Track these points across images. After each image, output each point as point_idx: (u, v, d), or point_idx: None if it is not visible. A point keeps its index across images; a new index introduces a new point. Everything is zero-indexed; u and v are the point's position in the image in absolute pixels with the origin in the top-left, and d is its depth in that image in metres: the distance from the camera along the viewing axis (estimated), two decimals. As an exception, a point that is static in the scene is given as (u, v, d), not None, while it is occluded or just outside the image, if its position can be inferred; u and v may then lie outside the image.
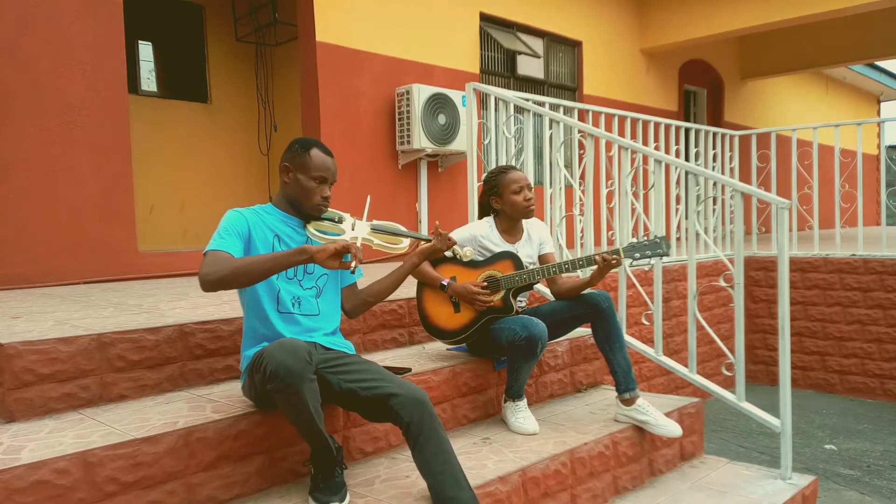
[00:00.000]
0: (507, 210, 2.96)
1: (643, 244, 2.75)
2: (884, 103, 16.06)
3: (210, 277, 1.99)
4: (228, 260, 2.02)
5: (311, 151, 2.23)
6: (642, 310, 4.26)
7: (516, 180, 2.93)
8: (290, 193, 2.25)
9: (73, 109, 4.13)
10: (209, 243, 2.10)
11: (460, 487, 1.99)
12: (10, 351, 2.07)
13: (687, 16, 8.24)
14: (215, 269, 2.00)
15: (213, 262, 2.02)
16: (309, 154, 2.23)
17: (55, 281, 4.06)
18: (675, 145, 5.53)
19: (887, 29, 9.65)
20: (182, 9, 6.33)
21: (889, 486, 3.97)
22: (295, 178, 2.23)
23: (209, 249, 2.07)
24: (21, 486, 1.69)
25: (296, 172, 2.23)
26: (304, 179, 2.22)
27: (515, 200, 2.92)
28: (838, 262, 5.94)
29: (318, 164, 2.22)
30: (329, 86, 5.37)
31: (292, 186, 2.24)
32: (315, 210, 2.24)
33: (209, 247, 2.08)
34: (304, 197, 2.22)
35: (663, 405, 3.08)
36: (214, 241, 2.10)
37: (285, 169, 2.25)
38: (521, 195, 2.93)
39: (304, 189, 2.22)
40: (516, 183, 2.93)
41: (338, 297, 2.37)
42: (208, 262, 2.03)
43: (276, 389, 1.88)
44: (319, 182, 2.22)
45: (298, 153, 2.24)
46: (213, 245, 2.08)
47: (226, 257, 2.04)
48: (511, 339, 2.64)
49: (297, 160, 2.23)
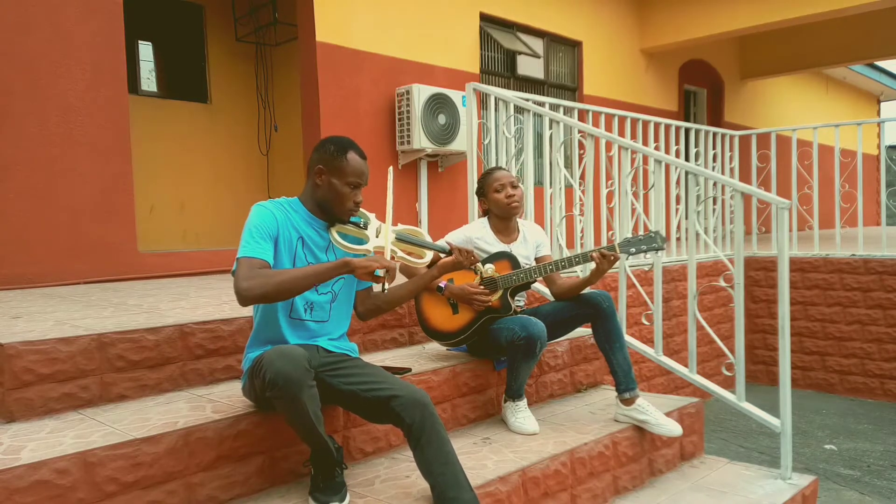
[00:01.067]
0: (493, 209, 3.01)
1: (638, 239, 2.76)
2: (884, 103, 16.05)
3: (250, 293, 1.94)
4: (268, 274, 1.97)
5: (349, 155, 2.14)
6: (642, 310, 4.26)
7: (497, 179, 2.97)
8: (321, 196, 2.17)
9: (73, 109, 4.13)
10: (241, 246, 2.03)
11: (461, 488, 1.99)
12: (10, 351, 2.07)
13: (687, 16, 8.24)
14: (255, 283, 1.94)
15: (251, 275, 1.95)
16: (346, 158, 2.14)
17: (55, 281, 4.06)
18: (675, 145, 5.53)
19: (887, 29, 9.65)
20: (182, 9, 6.33)
21: (889, 486, 3.97)
22: (329, 181, 2.14)
23: (243, 255, 2.01)
24: (21, 486, 1.69)
25: (330, 176, 2.14)
26: (339, 185, 2.13)
27: (497, 199, 2.96)
28: (838, 262, 5.94)
29: (355, 168, 2.15)
30: (329, 86, 5.37)
31: (325, 190, 2.15)
32: (346, 215, 2.18)
33: (242, 252, 2.02)
34: (337, 201, 2.15)
35: (663, 405, 3.08)
36: (247, 244, 2.03)
37: (319, 171, 2.15)
38: (503, 193, 2.95)
39: (339, 194, 2.14)
40: (497, 181, 2.97)
41: (351, 300, 2.34)
42: (244, 272, 1.96)
43: (275, 396, 1.88)
44: (354, 187, 2.16)
45: (335, 156, 2.14)
46: (247, 250, 2.02)
47: (262, 267, 2.00)
48: (510, 339, 2.64)
49: (333, 163, 2.14)
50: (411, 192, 5.97)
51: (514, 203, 2.95)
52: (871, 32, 9.83)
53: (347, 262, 2.00)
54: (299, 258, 2.16)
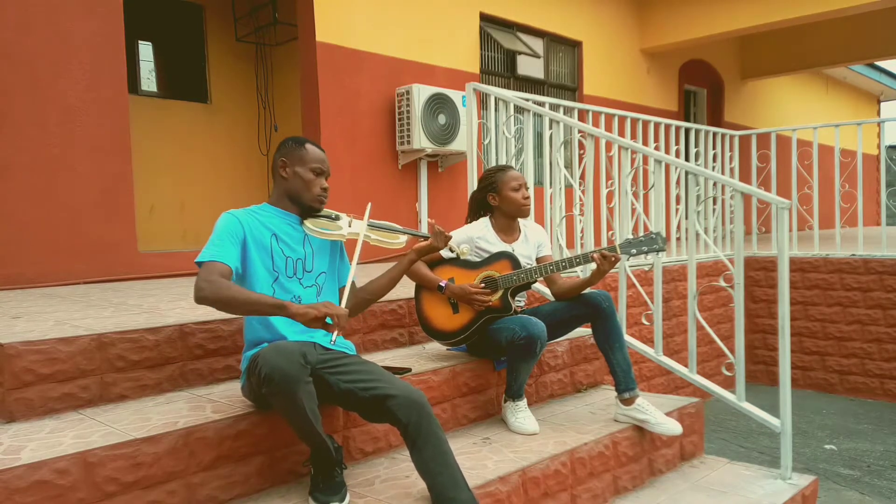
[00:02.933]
0: (503, 207, 2.98)
1: (639, 240, 2.76)
2: (884, 103, 16.05)
3: (203, 293, 1.99)
4: (222, 285, 1.99)
5: (306, 145, 2.31)
6: (642, 310, 4.26)
7: (515, 178, 2.97)
8: (289, 187, 2.27)
9: (73, 109, 4.13)
10: (203, 250, 2.08)
11: (459, 488, 1.99)
12: (11, 351, 2.07)
13: (687, 16, 8.24)
14: (208, 289, 1.98)
15: (208, 278, 2.01)
16: (304, 148, 2.30)
17: (55, 281, 4.06)
18: (675, 145, 5.53)
19: (887, 29, 9.65)
20: (182, 9, 6.33)
21: (889, 486, 3.97)
22: (293, 171, 2.27)
23: (203, 259, 2.06)
24: (21, 486, 1.69)
25: (293, 166, 2.27)
26: (303, 171, 2.26)
27: (514, 197, 2.94)
28: (838, 262, 5.94)
29: (315, 156, 2.29)
30: (329, 86, 5.37)
31: (291, 180, 2.27)
32: (315, 201, 2.28)
33: (203, 255, 2.07)
34: (305, 188, 2.26)
35: (663, 405, 3.08)
36: (208, 248, 2.09)
37: (283, 164, 2.28)
38: (520, 193, 2.95)
39: (304, 181, 2.26)
40: (515, 181, 2.96)
41: (336, 293, 2.37)
42: (203, 275, 2.02)
43: (271, 393, 1.88)
44: (317, 174, 2.28)
45: (293, 148, 2.30)
46: (208, 254, 2.07)
47: (220, 271, 2.03)
48: (510, 339, 2.64)
49: (293, 154, 2.28)
50: (411, 192, 5.97)
51: (527, 205, 2.98)
52: (871, 32, 9.83)
53: (283, 306, 1.96)
54: (276, 252, 2.21)
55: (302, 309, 1.95)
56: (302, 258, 2.26)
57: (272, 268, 2.19)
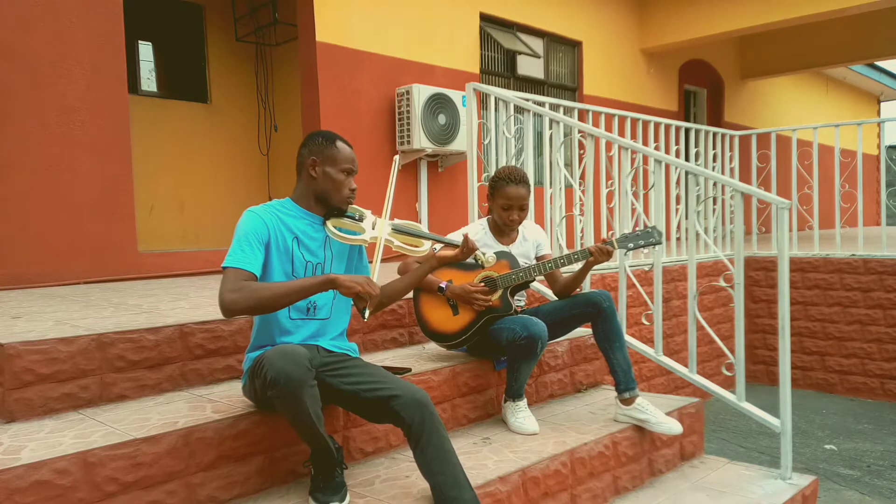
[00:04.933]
0: (493, 216, 3.01)
1: (636, 234, 2.79)
2: (884, 103, 16.06)
3: (235, 306, 1.95)
4: (254, 288, 1.96)
5: (338, 143, 2.21)
6: (642, 310, 4.26)
7: (509, 197, 2.90)
8: (317, 188, 2.19)
9: (73, 109, 4.13)
10: (228, 254, 2.03)
11: (461, 487, 1.99)
12: (10, 351, 2.07)
13: (687, 16, 8.24)
14: (240, 297, 1.94)
15: (236, 287, 1.95)
16: (336, 146, 2.20)
17: (55, 281, 4.06)
18: (675, 145, 5.53)
19: (887, 29, 9.65)
20: (182, 9, 6.33)
21: (889, 486, 3.97)
22: (324, 171, 2.18)
23: (229, 265, 2.00)
24: (21, 486, 1.68)
25: (324, 166, 2.18)
26: (334, 172, 2.18)
27: (501, 214, 2.95)
28: (838, 262, 5.94)
29: (346, 155, 2.21)
30: (329, 86, 5.37)
31: (321, 180, 2.18)
32: (344, 203, 2.21)
33: (229, 260, 2.01)
34: (335, 189, 2.19)
35: (663, 405, 3.08)
36: (234, 253, 2.03)
37: (313, 163, 2.18)
38: (508, 213, 2.92)
39: (335, 182, 2.18)
40: (507, 200, 2.91)
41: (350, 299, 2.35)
42: (230, 284, 1.96)
43: (276, 396, 1.88)
44: (347, 174, 2.20)
45: (324, 146, 2.19)
46: (234, 260, 2.01)
47: (248, 279, 1.99)
48: (511, 339, 2.64)
49: (324, 153, 2.18)
50: (411, 192, 5.97)
51: (513, 226, 2.96)
52: (871, 32, 9.83)
53: (333, 279, 1.97)
54: (297, 258, 2.16)
55: (349, 282, 1.95)
56: (322, 262, 2.21)
57: (291, 272, 2.15)
